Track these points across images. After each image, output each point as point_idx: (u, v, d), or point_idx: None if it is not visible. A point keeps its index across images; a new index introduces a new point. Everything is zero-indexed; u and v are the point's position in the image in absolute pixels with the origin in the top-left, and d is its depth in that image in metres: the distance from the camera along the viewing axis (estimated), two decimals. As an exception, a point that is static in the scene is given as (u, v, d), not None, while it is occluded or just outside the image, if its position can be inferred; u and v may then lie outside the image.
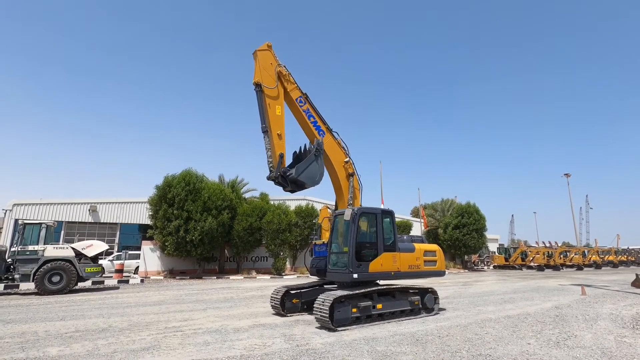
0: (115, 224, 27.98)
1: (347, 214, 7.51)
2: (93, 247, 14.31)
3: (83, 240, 17.82)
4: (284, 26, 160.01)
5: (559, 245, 40.40)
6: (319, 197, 31.24)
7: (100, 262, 15.73)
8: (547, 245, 37.88)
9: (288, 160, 8.53)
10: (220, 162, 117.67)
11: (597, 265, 35.24)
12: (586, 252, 37.08)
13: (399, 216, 34.10)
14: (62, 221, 25.49)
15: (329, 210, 14.22)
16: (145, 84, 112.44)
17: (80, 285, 15.15)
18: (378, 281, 8.37)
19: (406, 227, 32.28)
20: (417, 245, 8.70)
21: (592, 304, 10.51)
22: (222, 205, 21.56)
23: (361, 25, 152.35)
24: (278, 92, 8.23)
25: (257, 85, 8.03)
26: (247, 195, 26.68)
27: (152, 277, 20.69)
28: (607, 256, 37.75)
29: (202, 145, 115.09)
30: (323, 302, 7.00)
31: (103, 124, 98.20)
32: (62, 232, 25.40)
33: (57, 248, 13.41)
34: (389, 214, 8.31)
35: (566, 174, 45.91)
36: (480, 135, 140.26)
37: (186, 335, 6.49)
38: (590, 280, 19.13)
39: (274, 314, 8.76)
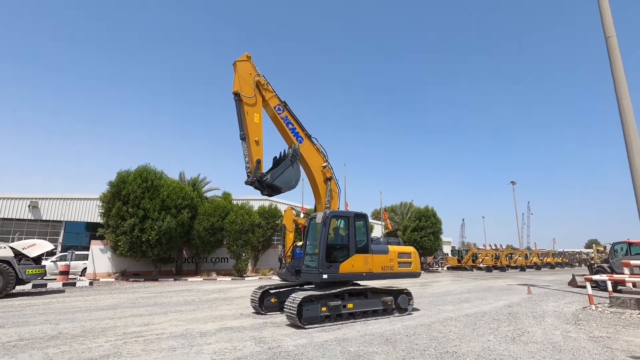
0: (59, 221, 25.77)
1: (319, 217, 7.89)
2: (36, 246, 13.08)
3: (23, 239, 16.20)
4: (260, 28, 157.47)
5: (504, 247, 43.47)
6: (284, 198, 31.04)
7: (42, 263, 14.39)
8: (493, 247, 40.60)
9: (268, 165, 8.72)
10: (179, 160, 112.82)
11: (537, 267, 38.30)
12: (528, 255, 40.19)
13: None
14: (-3, 218, 23.04)
15: (293, 211, 14.24)
16: (97, 76, 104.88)
17: (19, 288, 13.76)
18: (358, 282, 8.57)
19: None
20: (391, 248, 8.89)
21: (538, 302, 11.42)
22: (182, 204, 20.66)
23: (328, 29, 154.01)
24: (256, 100, 8.46)
25: (236, 95, 8.21)
26: (209, 194, 25.83)
27: (101, 280, 19.27)
28: (545, 258, 41.21)
29: (161, 144, 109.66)
30: (293, 300, 7.28)
31: (44, 114, 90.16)
32: (-4, 229, 22.93)
33: (-8, 247, 12.06)
34: (362, 217, 8.54)
35: (512, 182, 49.70)
36: (434, 141, 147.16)
37: (149, 340, 6.13)
38: (533, 280, 20.78)
39: (254, 312, 8.86)
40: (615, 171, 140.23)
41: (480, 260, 35.37)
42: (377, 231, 36.96)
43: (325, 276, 7.60)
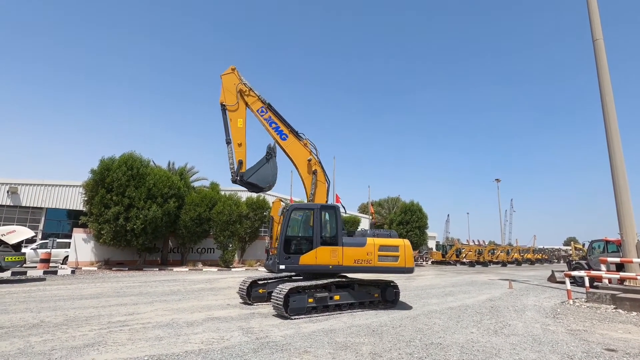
0: (40, 208, 25.11)
1: (281, 210, 8.17)
2: (16, 233, 12.70)
3: (1, 225, 15.71)
4: (256, 30, 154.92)
5: (486, 243, 44.51)
6: (272, 190, 30.90)
7: (22, 250, 14.01)
8: (477, 243, 41.53)
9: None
10: (168, 150, 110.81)
11: (518, 262, 39.36)
12: (509, 251, 41.27)
13: (349, 212, 34.93)
14: (-27, 203, 22.28)
15: (282, 203, 14.22)
16: (89, 70, 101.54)
17: (-3, 276, 13.38)
18: (347, 274, 8.64)
19: (354, 222, 33.23)
20: (370, 240, 8.47)
21: (519, 296, 11.76)
22: (169, 193, 20.34)
23: (327, 33, 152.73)
24: (238, 106, 9.23)
25: (222, 105, 9.11)
26: (196, 184, 25.53)
27: (84, 268, 18.90)
28: (526, 254, 42.39)
29: (151, 134, 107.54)
30: (280, 291, 7.34)
31: (27, 101, 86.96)
32: (-27, 215, 22.19)
33: (-31, 233, 11.67)
34: (331, 208, 8.51)
35: (497, 179, 50.70)
36: (424, 140, 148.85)
37: (134, 330, 6.06)
38: (514, 276, 21.37)
39: (241, 303, 8.94)
40: (594, 173, 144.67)
41: (464, 255, 36.15)
42: (364, 224, 37.27)
43: (282, 267, 7.89)
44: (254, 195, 26.11)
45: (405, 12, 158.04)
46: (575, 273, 11.64)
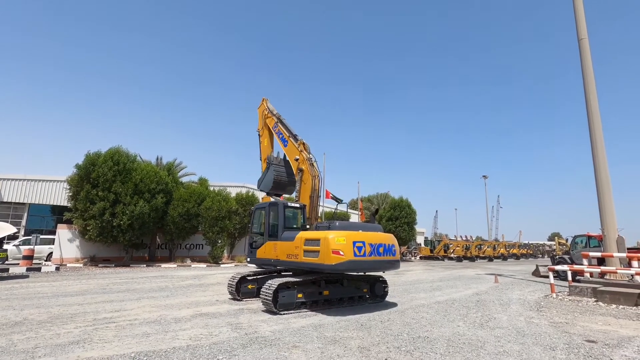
0: (22, 204, 24.50)
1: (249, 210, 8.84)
2: (-3, 229, 12.37)
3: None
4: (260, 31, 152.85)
5: (474, 239, 45.23)
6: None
7: (4, 247, 13.66)
8: (464, 239, 42.19)
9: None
10: (157, 144, 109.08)
11: (504, 257, 40.16)
12: (496, 246, 42.02)
13: (340, 208, 34.96)
14: (-48, 198, 21.59)
15: (271, 199, 14.25)
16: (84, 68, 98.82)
17: (-22, 273, 13.02)
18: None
19: (344, 218, 33.35)
20: (300, 234, 7.81)
21: (504, 290, 12.01)
22: (157, 189, 20.04)
23: (320, 31, 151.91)
24: (264, 129, 11.19)
25: (257, 132, 11.37)
26: (184, 180, 25.21)
27: (69, 265, 18.55)
28: (512, 249, 43.25)
29: (139, 129, 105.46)
30: (269, 287, 7.37)
31: (14, 96, 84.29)
32: (-48, 211, 21.51)
33: (-52, 229, 11.32)
34: (275, 205, 8.78)
35: (484, 176, 51.44)
36: (413, 137, 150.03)
37: (121, 326, 5.98)
38: (500, 270, 21.79)
39: (230, 298, 8.92)
40: (578, 169, 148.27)
41: (452, 250, 36.69)
42: (354, 220, 37.44)
43: (249, 259, 9.28)
44: (243, 190, 26.01)
45: (401, 11, 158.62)
46: (558, 267, 11.93)
